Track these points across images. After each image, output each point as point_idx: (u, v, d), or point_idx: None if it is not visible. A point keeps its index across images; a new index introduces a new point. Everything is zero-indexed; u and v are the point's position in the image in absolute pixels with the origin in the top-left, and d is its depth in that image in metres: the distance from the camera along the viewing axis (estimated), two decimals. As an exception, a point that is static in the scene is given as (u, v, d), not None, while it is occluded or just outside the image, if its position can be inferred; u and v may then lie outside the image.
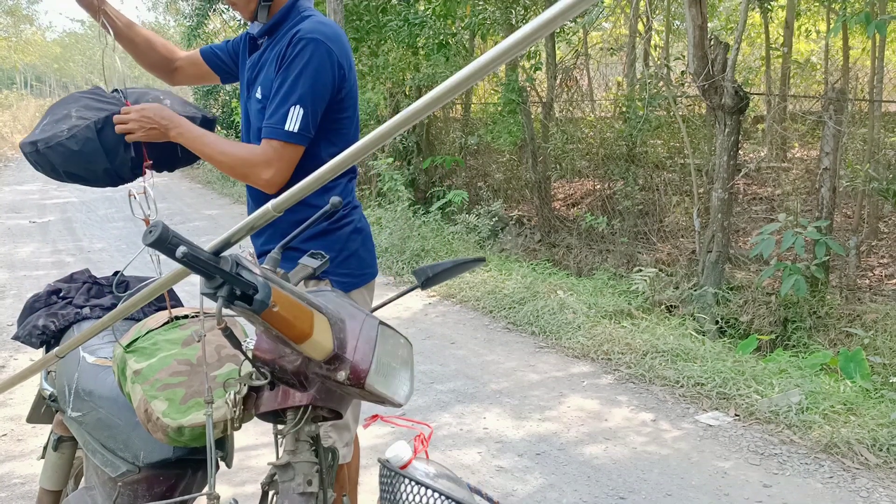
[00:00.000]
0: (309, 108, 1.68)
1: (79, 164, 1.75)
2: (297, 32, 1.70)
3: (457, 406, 3.62)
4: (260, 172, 1.69)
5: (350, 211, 1.87)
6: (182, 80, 2.08)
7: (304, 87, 1.68)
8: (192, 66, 2.05)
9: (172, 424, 1.32)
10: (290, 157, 1.71)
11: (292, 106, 1.67)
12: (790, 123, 9.18)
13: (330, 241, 1.81)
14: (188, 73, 2.06)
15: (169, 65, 2.04)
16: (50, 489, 1.95)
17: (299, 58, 1.68)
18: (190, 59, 2.05)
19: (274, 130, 1.69)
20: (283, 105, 1.68)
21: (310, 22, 1.74)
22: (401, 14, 8.47)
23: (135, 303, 1.30)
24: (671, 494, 2.78)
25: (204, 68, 2.04)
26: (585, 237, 7.92)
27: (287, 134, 1.67)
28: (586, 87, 10.33)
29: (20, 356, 4.22)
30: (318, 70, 1.69)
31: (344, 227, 1.84)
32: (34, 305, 1.90)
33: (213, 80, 2.08)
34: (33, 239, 8.05)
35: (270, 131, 1.70)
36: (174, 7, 20.47)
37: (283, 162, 1.70)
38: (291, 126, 1.67)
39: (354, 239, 1.86)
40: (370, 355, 1.10)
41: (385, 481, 1.27)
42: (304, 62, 1.67)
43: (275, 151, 1.69)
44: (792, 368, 3.90)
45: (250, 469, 2.92)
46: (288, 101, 1.68)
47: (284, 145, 1.68)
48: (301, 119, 1.67)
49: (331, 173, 1.01)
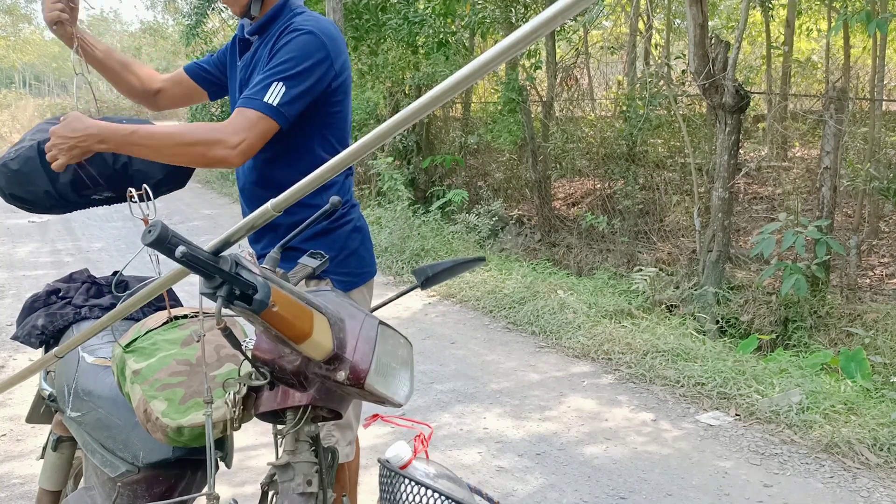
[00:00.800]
0: (292, 90, 1.61)
1: (20, 185, 1.68)
2: (290, 25, 1.68)
3: (457, 406, 3.61)
4: (229, 140, 1.56)
5: (349, 210, 1.85)
6: (166, 103, 2.00)
7: (291, 70, 1.62)
8: (175, 87, 1.98)
9: (172, 424, 1.32)
10: (263, 131, 1.59)
11: (275, 81, 1.60)
12: (791, 122, 9.18)
13: (329, 240, 1.79)
14: (172, 95, 1.99)
15: (149, 89, 1.97)
16: (49, 489, 1.94)
17: (291, 45, 1.64)
18: (174, 80, 1.99)
19: (250, 101, 1.60)
20: (266, 80, 1.61)
21: (304, 17, 1.72)
22: (400, 13, 8.46)
23: (134, 303, 1.29)
24: (671, 494, 2.78)
25: (190, 86, 1.97)
26: (586, 237, 7.92)
27: (265, 105, 1.59)
28: (586, 86, 10.33)
29: (19, 356, 4.22)
30: (308, 58, 1.64)
31: (343, 226, 1.82)
32: (33, 305, 1.90)
33: (201, 97, 2.01)
34: (32, 239, 8.05)
35: (246, 101, 1.61)
36: (173, 6, 20.46)
37: (255, 133, 1.58)
38: (270, 99, 1.59)
39: (354, 238, 1.84)
40: (370, 355, 1.09)
41: (385, 481, 1.27)
42: (294, 49, 1.63)
43: (248, 121, 1.59)
44: (792, 368, 3.90)
45: (250, 469, 2.91)
46: (271, 77, 1.61)
47: (260, 116, 1.59)
48: (281, 96, 1.59)
49: (330, 172, 1.01)
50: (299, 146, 1.74)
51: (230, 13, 13.21)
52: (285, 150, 1.75)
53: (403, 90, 9.42)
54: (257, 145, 1.61)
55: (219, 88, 1.99)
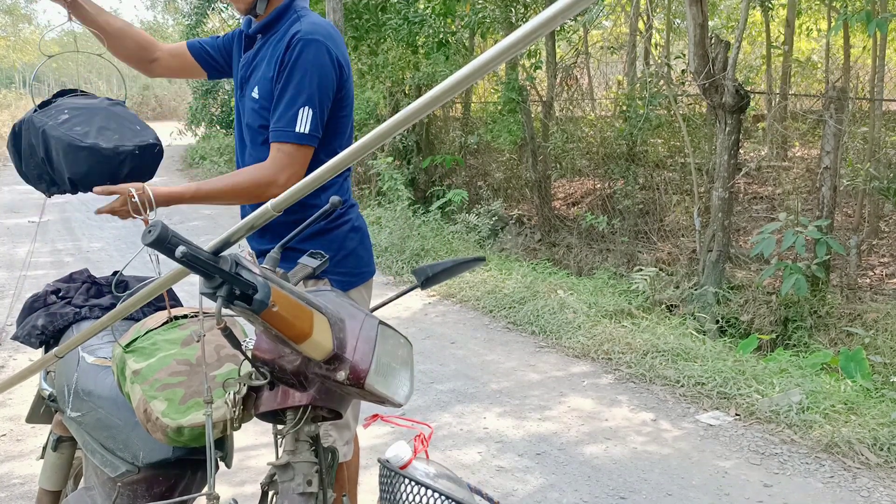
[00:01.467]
0: (317, 109, 1.67)
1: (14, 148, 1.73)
2: (297, 34, 1.68)
3: (457, 406, 3.61)
4: (277, 179, 1.66)
5: (347, 210, 1.86)
6: (161, 71, 2.01)
7: (311, 87, 1.66)
8: (174, 59, 1.98)
9: (172, 424, 1.32)
10: (303, 160, 1.69)
11: (301, 108, 1.66)
12: (791, 122, 9.18)
13: (328, 240, 1.80)
14: (168, 65, 1.99)
15: (146, 55, 1.96)
16: (49, 489, 1.94)
17: (303, 59, 1.66)
18: (172, 51, 1.98)
19: (284, 133, 1.66)
20: (292, 107, 1.66)
21: (307, 23, 1.72)
22: (400, 12, 8.46)
23: (134, 303, 1.29)
24: (672, 494, 2.78)
25: (189, 61, 1.98)
26: (586, 236, 7.92)
27: (298, 136, 1.66)
28: (586, 85, 10.33)
29: (19, 356, 4.22)
30: (322, 70, 1.68)
31: (342, 226, 1.83)
32: (33, 305, 1.90)
33: (198, 74, 2.02)
34: (32, 238, 8.05)
35: (280, 135, 1.67)
36: (172, 6, 20.47)
37: (298, 165, 1.68)
38: (302, 128, 1.66)
39: (352, 238, 1.85)
40: (370, 355, 1.09)
41: (385, 481, 1.27)
42: (308, 63, 1.66)
43: (288, 157, 1.67)
44: (792, 368, 3.90)
45: (250, 469, 2.91)
46: (296, 104, 1.66)
47: (297, 147, 1.67)
48: (311, 120, 1.66)
49: (330, 173, 1.01)
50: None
51: (230, 13, 13.23)
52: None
53: (403, 90, 9.42)
54: (301, 173, 1.70)
55: (217, 72, 2.00)
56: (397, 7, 8.74)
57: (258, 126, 1.77)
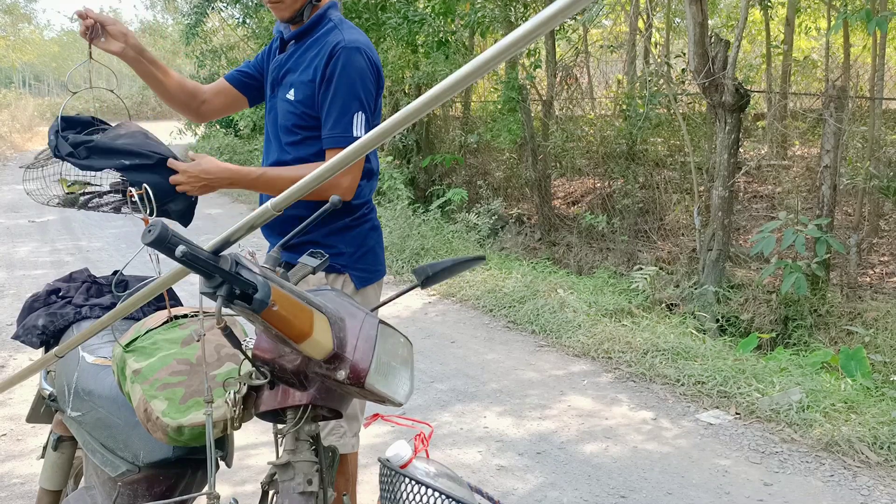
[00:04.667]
0: (368, 113, 1.77)
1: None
2: (339, 43, 1.76)
3: (457, 405, 3.61)
4: (340, 182, 1.74)
5: (369, 210, 1.94)
6: (210, 113, 2.07)
7: (360, 93, 1.75)
8: (218, 97, 2.04)
9: (172, 424, 1.32)
10: (360, 162, 1.77)
11: (355, 113, 1.75)
12: (791, 121, 9.17)
13: (350, 236, 1.87)
14: (215, 106, 2.05)
15: (195, 101, 2.03)
16: (49, 489, 1.94)
17: (350, 67, 1.75)
18: (215, 90, 2.04)
19: (343, 139, 1.73)
20: (346, 114, 1.74)
21: (347, 32, 1.80)
22: (400, 11, 8.45)
23: (134, 302, 1.29)
24: (672, 493, 2.78)
25: (231, 94, 2.04)
26: (585, 235, 7.92)
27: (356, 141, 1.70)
28: (586, 84, 10.32)
29: (19, 356, 4.22)
30: (365, 76, 1.77)
31: (363, 224, 1.91)
32: (33, 305, 1.90)
33: (241, 105, 2.08)
34: (32, 238, 8.05)
35: (339, 140, 1.74)
36: (172, 5, 20.45)
37: (356, 168, 1.77)
38: (358, 132, 1.74)
39: (372, 236, 1.93)
40: (370, 354, 1.09)
41: (385, 480, 1.27)
42: (355, 72, 1.75)
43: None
44: (793, 367, 3.90)
45: (250, 468, 2.91)
46: (350, 110, 1.74)
47: None
48: (364, 123, 1.75)
49: (330, 172, 1.01)
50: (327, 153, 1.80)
51: (230, 13, 13.22)
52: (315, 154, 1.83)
53: (403, 89, 9.41)
54: (360, 175, 1.81)
55: (258, 93, 2.05)
56: (397, 6, 8.73)
57: (292, 125, 1.84)
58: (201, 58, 13.10)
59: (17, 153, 17.79)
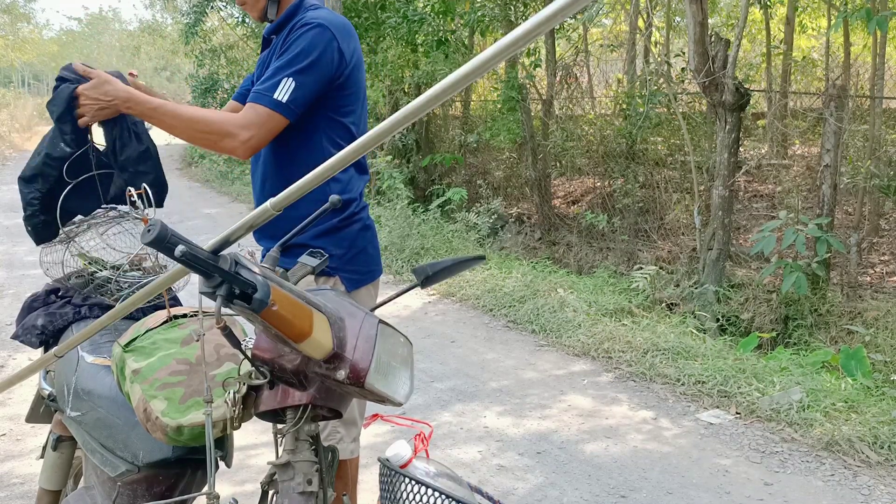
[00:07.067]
0: (301, 85, 1.66)
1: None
2: (303, 19, 1.72)
3: (457, 405, 3.61)
4: (239, 135, 1.65)
5: (360, 209, 1.88)
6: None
7: (300, 63, 1.67)
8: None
9: (172, 424, 1.31)
10: (272, 127, 1.67)
11: (285, 77, 1.66)
12: (791, 120, 9.16)
13: (340, 238, 1.81)
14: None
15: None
16: (49, 489, 1.94)
17: (301, 39, 1.68)
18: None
19: (261, 97, 1.67)
20: (276, 75, 1.67)
21: (316, 12, 1.75)
22: (399, 11, 8.45)
23: (133, 302, 1.29)
24: (672, 493, 2.78)
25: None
26: (586, 235, 7.91)
27: (275, 102, 1.65)
28: (586, 84, 10.31)
29: (19, 356, 4.22)
30: (318, 50, 1.68)
31: (353, 225, 1.84)
32: (33, 305, 1.90)
33: None
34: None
35: (258, 97, 1.67)
36: (171, 5, 20.44)
37: (265, 129, 1.67)
38: (280, 96, 1.65)
39: (363, 236, 1.87)
40: (370, 354, 1.09)
41: (385, 480, 1.27)
42: (304, 42, 1.68)
43: (258, 116, 1.66)
44: (793, 366, 3.89)
45: (250, 468, 2.91)
46: (281, 73, 1.67)
47: (270, 113, 1.66)
48: (291, 91, 1.65)
49: (330, 171, 1.01)
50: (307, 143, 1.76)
51: (229, 12, 13.21)
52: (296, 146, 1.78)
53: (403, 88, 9.41)
54: (265, 140, 1.69)
55: None
56: (396, 5, 8.73)
57: None
58: (200, 57, 13.09)
59: (16, 153, 17.79)
